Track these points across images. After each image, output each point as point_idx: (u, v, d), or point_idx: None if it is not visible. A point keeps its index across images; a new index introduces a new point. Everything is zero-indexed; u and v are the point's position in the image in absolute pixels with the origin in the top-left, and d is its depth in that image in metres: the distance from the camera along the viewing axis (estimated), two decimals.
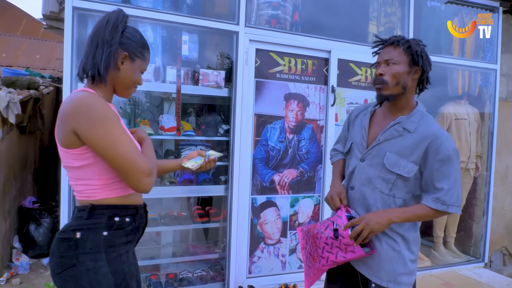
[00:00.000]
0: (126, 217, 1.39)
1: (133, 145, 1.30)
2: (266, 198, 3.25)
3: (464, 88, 4.20)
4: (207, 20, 2.94)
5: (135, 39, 1.41)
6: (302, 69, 3.28)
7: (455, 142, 4.01)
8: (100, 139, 1.24)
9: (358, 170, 1.81)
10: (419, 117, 1.72)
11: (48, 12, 3.95)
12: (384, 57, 1.73)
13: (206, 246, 3.45)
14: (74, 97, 1.28)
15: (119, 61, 1.37)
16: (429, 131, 1.67)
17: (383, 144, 1.74)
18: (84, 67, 1.37)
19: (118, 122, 1.29)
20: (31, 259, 4.09)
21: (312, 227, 1.84)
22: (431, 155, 1.65)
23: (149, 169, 1.29)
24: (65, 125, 1.27)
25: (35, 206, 4.38)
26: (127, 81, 1.41)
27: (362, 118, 1.90)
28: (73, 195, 2.64)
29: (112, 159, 1.27)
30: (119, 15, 1.38)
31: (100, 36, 1.34)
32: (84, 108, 1.24)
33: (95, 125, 1.23)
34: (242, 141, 3.08)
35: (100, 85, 1.37)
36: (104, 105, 1.27)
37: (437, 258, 4.17)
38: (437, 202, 1.65)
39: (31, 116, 4.48)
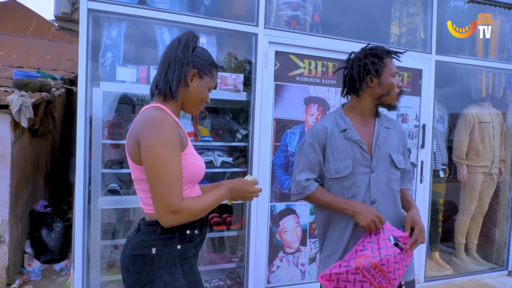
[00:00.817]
0: (195, 229, 1.43)
1: (177, 175, 1.28)
2: (285, 205, 3.14)
3: (488, 90, 4.07)
4: (225, 21, 2.84)
5: (204, 58, 1.45)
6: (322, 72, 3.16)
7: (479, 146, 3.96)
8: (150, 156, 1.26)
9: (373, 182, 1.78)
10: (385, 116, 1.91)
11: (60, 13, 3.89)
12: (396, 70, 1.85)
13: (223, 255, 3.36)
14: (149, 114, 1.32)
15: (189, 78, 1.42)
16: (397, 124, 1.94)
17: (383, 148, 1.80)
18: (157, 84, 1.43)
19: (176, 147, 1.29)
20: (43, 265, 4.02)
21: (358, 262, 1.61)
22: (403, 144, 1.91)
23: (175, 207, 1.26)
24: (133, 136, 1.32)
25: (47, 210, 4.32)
26: (195, 97, 1.45)
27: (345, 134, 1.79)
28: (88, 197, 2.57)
29: (149, 179, 1.28)
30: (190, 35, 1.44)
31: (172, 55, 1.41)
32: (153, 124, 1.28)
33: (153, 142, 1.26)
34: (261, 146, 2.97)
35: (170, 101, 1.41)
36: (172, 128, 1.29)
37: (459, 265, 4.04)
38: (411, 180, 2.02)
39: (42, 118, 4.41)
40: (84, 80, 2.49)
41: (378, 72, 1.77)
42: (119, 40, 2.69)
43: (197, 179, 1.45)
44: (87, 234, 2.59)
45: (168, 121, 1.29)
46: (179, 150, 1.30)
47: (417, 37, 3.56)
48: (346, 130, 1.79)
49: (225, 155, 3.15)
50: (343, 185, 1.80)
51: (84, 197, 2.53)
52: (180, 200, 1.27)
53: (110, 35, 2.67)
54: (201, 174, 1.47)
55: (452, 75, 3.92)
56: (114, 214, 3.21)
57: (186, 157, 1.35)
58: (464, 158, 3.96)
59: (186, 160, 1.35)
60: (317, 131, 1.84)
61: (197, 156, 1.45)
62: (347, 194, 1.80)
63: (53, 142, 5.46)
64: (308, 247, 3.23)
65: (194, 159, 1.41)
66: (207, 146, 3.16)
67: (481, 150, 3.97)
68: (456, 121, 4.18)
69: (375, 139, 1.79)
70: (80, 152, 2.50)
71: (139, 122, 1.33)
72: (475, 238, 4.19)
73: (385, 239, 1.65)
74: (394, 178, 1.83)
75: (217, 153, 3.11)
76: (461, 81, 4.08)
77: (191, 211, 1.30)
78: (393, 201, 1.82)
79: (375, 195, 1.77)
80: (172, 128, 1.29)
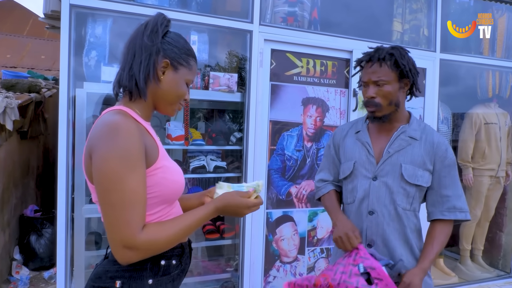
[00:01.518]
0: (173, 259, 1.18)
1: (136, 199, 1.01)
2: (283, 212, 2.98)
3: (495, 90, 3.90)
4: (218, 18, 2.68)
5: (178, 45, 1.19)
6: (321, 71, 3.00)
7: (485, 148, 3.79)
8: (100, 174, 1.01)
9: (373, 191, 1.62)
10: (419, 124, 1.68)
11: (49, 11, 3.74)
12: (372, 77, 1.58)
13: (217, 264, 3.20)
14: (105, 121, 1.06)
15: (160, 70, 1.16)
16: (434, 138, 1.63)
17: (395, 156, 1.62)
18: (119, 81, 1.17)
19: (136, 162, 1.03)
20: (31, 272, 3.88)
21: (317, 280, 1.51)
22: (439, 161, 1.61)
23: (130, 241, 1.00)
24: (87, 148, 1.09)
25: (37, 215, 4.17)
26: (170, 94, 1.19)
27: (357, 135, 1.72)
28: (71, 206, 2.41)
29: (100, 204, 1.03)
30: (159, 18, 1.18)
31: (137, 43, 1.15)
32: (108, 133, 1.02)
33: (105, 157, 1.01)
34: (256, 150, 2.81)
35: (139, 101, 1.17)
36: (132, 137, 1.03)
37: (464, 273, 3.87)
38: (454, 211, 1.60)
39: (32, 120, 4.26)
40: (66, 81, 2.33)
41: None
42: (105, 38, 2.53)
43: (173, 197, 1.20)
44: (70, 244, 2.43)
45: (128, 129, 1.03)
46: (141, 166, 1.04)
47: (420, 35, 3.40)
48: (360, 132, 1.72)
49: (219, 159, 3.00)
50: (347, 187, 1.72)
51: (66, 205, 2.38)
52: (138, 231, 1.00)
53: (94, 33, 2.52)
54: (178, 191, 1.21)
55: (457, 74, 3.76)
56: (100, 223, 3.05)
57: (157, 173, 1.11)
58: (469, 160, 3.80)
59: (157, 176, 1.11)
60: (335, 133, 1.84)
61: (173, 170, 1.18)
62: (349, 198, 1.71)
63: (46, 145, 5.31)
64: (307, 256, 3.07)
65: (168, 173, 1.14)
66: (200, 150, 3.00)
67: (488, 153, 3.80)
68: (459, 121, 4.02)
69: (388, 145, 1.63)
70: (62, 157, 2.35)
71: (93, 131, 1.08)
72: (480, 244, 4.03)
73: (353, 265, 1.47)
74: (404, 194, 1.60)
75: (210, 157, 2.95)
76: (467, 80, 3.92)
77: (154, 244, 1.04)
78: (397, 219, 1.61)
79: (374, 205, 1.61)
80: (132, 137, 1.03)
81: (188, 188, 2.96)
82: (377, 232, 1.61)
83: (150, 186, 1.09)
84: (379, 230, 1.61)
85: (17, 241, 4.05)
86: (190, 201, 1.42)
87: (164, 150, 1.20)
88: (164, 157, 1.16)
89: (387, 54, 1.59)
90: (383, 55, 1.58)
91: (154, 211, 1.13)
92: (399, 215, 1.61)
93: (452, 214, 1.60)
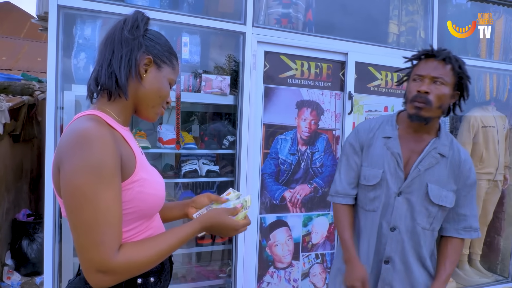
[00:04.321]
0: (151, 276, 1.08)
1: (110, 217, 0.91)
2: (276, 217, 2.92)
3: (492, 93, 3.85)
4: (210, 19, 2.62)
5: (160, 42, 1.12)
6: (316, 74, 2.95)
7: (483, 152, 3.74)
8: (69, 190, 0.90)
9: (397, 206, 1.54)
10: (447, 139, 1.60)
11: (42, 12, 3.71)
12: (432, 73, 1.48)
13: (210, 270, 3.14)
14: (75, 128, 0.95)
15: (142, 67, 1.07)
16: (460, 156, 1.58)
17: (422, 174, 1.52)
18: (96, 79, 1.05)
19: (110, 176, 0.92)
20: (23, 277, 3.82)
21: None
22: (462, 180, 1.57)
23: (104, 264, 0.89)
24: (55, 159, 0.97)
25: (29, 219, 4.11)
26: (152, 95, 1.09)
27: (387, 142, 1.60)
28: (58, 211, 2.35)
29: (72, 223, 0.91)
30: (139, 14, 1.10)
31: (116, 37, 1.05)
32: (77, 143, 0.91)
33: (74, 170, 0.89)
34: (250, 154, 2.76)
35: (118, 101, 1.07)
36: (106, 147, 0.92)
37: (463, 278, 3.82)
38: (470, 231, 1.59)
39: (25, 123, 4.21)
40: (53, 83, 2.28)
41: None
42: (94, 40, 2.48)
43: (152, 212, 1.10)
44: (57, 250, 2.38)
45: (101, 138, 0.92)
46: (115, 181, 0.93)
47: (417, 37, 3.35)
48: (390, 138, 1.60)
49: (212, 163, 2.94)
50: (368, 195, 1.63)
51: (54, 211, 2.32)
52: (113, 252, 0.90)
53: (83, 34, 2.47)
54: (157, 206, 1.11)
55: None
56: None
57: (133, 186, 1.00)
58: None
59: (133, 190, 1.00)
60: (359, 130, 1.70)
61: (151, 182, 1.07)
62: (369, 205, 1.63)
63: (40, 148, 5.25)
64: (301, 262, 3.01)
65: (146, 187, 1.04)
66: (193, 154, 2.95)
67: (485, 156, 3.75)
68: (457, 124, 3.98)
69: (418, 161, 1.54)
70: (49, 161, 2.29)
71: (62, 140, 0.97)
72: (478, 249, 3.98)
73: None
74: (426, 213, 1.55)
75: (202, 161, 2.89)
76: None
77: (132, 266, 0.93)
78: (416, 238, 1.55)
79: (396, 222, 1.55)
80: (106, 148, 0.92)
81: (181, 194, 2.90)
82: (397, 249, 1.56)
83: (125, 202, 0.99)
84: (398, 247, 1.56)
85: (9, 246, 3.99)
86: (173, 211, 1.33)
87: (143, 158, 1.11)
88: (142, 168, 1.05)
89: (454, 57, 1.51)
90: (450, 55, 1.50)
91: (130, 227, 1.04)
92: (417, 233, 1.56)
93: (467, 234, 1.59)
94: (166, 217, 1.31)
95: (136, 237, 1.06)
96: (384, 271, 1.58)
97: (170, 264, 1.21)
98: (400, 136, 1.60)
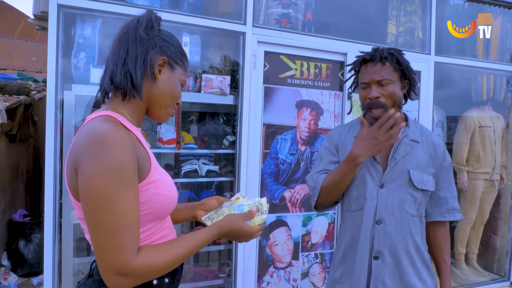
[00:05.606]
0: (166, 277, 1.08)
1: (129, 221, 0.91)
2: (276, 217, 2.93)
3: (489, 93, 3.88)
4: (210, 19, 2.63)
5: (173, 43, 1.12)
6: (315, 74, 2.96)
7: (479, 151, 3.77)
8: (88, 194, 0.89)
9: (381, 199, 1.56)
10: (416, 126, 1.65)
11: (39, 12, 3.66)
12: (375, 77, 1.53)
13: (210, 270, 3.14)
14: (91, 129, 0.94)
15: (157, 68, 1.07)
16: (433, 139, 1.64)
17: (401, 162, 1.57)
18: (112, 78, 1.04)
19: (129, 179, 0.91)
20: (20, 278, 3.80)
21: None
22: (439, 163, 1.62)
23: (124, 267, 0.89)
24: (71, 161, 0.96)
25: (26, 220, 4.08)
26: (165, 95, 1.09)
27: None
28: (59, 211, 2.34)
29: (89, 226, 0.91)
30: (151, 14, 1.09)
31: (130, 37, 1.04)
32: (95, 145, 0.90)
33: (93, 174, 0.89)
34: (250, 154, 2.76)
35: (132, 102, 1.06)
36: (125, 149, 0.92)
37: (459, 276, 3.84)
38: (453, 212, 1.64)
39: (21, 123, 4.18)
40: (53, 83, 2.26)
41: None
42: (94, 39, 2.47)
43: (166, 213, 1.10)
44: (57, 250, 2.37)
45: (119, 140, 0.91)
46: (134, 183, 0.93)
47: (415, 37, 3.37)
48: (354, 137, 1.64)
49: (212, 163, 2.94)
50: (351, 194, 1.63)
51: (54, 211, 2.31)
52: (133, 255, 0.90)
53: (83, 34, 2.45)
54: (172, 207, 1.11)
55: (452, 77, 3.74)
56: None
57: (149, 188, 1.00)
58: (464, 164, 3.77)
59: (149, 191, 1.00)
60: (332, 134, 1.76)
61: (166, 183, 1.07)
62: (354, 205, 1.63)
63: (36, 148, 5.22)
64: (301, 261, 3.02)
65: (161, 188, 1.03)
66: (192, 154, 2.94)
67: (482, 156, 3.78)
68: (453, 124, 4.00)
69: (393, 150, 1.57)
70: (49, 161, 2.27)
71: (78, 141, 0.95)
72: (475, 248, 4.00)
73: None
74: (412, 200, 1.56)
75: (202, 161, 2.89)
76: (461, 83, 3.90)
77: (150, 269, 0.94)
78: (406, 227, 1.56)
79: (382, 214, 1.55)
80: (124, 150, 0.91)
81: (180, 194, 2.89)
82: (385, 242, 1.55)
83: (142, 203, 0.99)
84: (386, 240, 1.55)
85: (5, 246, 3.96)
86: (181, 213, 1.33)
87: (155, 160, 1.10)
88: (156, 169, 1.05)
89: (388, 53, 1.55)
90: (385, 54, 1.54)
91: (145, 228, 1.04)
92: (406, 222, 1.57)
93: (451, 215, 1.64)
94: (175, 219, 1.31)
95: (150, 238, 1.06)
96: (375, 268, 1.56)
97: (181, 265, 1.21)
98: None
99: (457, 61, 3.52)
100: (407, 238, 1.57)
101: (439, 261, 1.65)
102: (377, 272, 1.56)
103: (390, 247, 1.55)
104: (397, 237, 1.55)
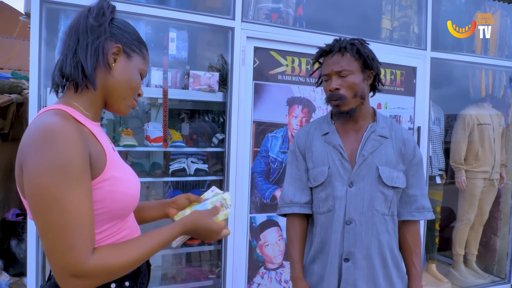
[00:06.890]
0: (126, 280, 1.02)
1: (80, 219, 0.85)
2: (267, 216, 2.86)
3: (488, 90, 3.80)
4: (197, 14, 2.56)
5: (128, 30, 1.07)
6: (307, 70, 2.89)
7: (478, 150, 3.68)
8: (33, 192, 0.84)
9: (350, 198, 1.50)
10: (385, 121, 1.61)
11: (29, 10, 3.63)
12: (334, 68, 1.50)
13: (199, 271, 3.08)
14: (39, 124, 0.88)
15: (110, 57, 1.01)
16: (403, 134, 1.59)
17: (369, 159, 1.53)
18: (61, 70, 0.98)
19: (77, 175, 0.86)
20: (12, 278, 3.76)
21: None
22: (408, 159, 1.57)
23: (77, 268, 0.83)
24: (18, 158, 0.90)
25: (19, 219, 4.05)
26: (123, 85, 1.03)
27: (326, 138, 1.60)
28: None
29: (39, 226, 0.85)
30: (104, 2, 1.03)
31: (81, 26, 0.99)
32: (40, 141, 0.85)
33: (38, 170, 0.83)
34: (239, 152, 2.70)
35: (86, 94, 1.00)
36: (72, 144, 0.86)
37: (458, 278, 3.77)
38: (423, 211, 1.58)
39: (14, 122, 4.15)
40: (36, 82, 2.21)
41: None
42: None
43: (125, 212, 1.04)
44: (41, 250, 2.32)
45: (67, 133, 0.86)
46: (85, 179, 0.87)
47: (410, 32, 3.29)
48: (328, 134, 1.59)
49: (201, 162, 2.88)
50: (319, 196, 1.58)
51: None
52: (87, 256, 0.84)
53: None
54: (131, 205, 1.04)
55: (449, 74, 3.66)
56: None
57: (104, 185, 0.94)
58: (462, 162, 3.70)
59: (104, 189, 0.94)
60: (298, 136, 1.69)
61: (125, 180, 1.01)
62: (322, 207, 1.57)
63: None
64: None
65: (118, 186, 0.97)
66: (182, 152, 2.89)
67: (481, 154, 3.70)
68: (452, 122, 3.93)
69: (360, 147, 1.53)
70: None
71: (24, 136, 0.90)
72: (474, 249, 3.92)
73: None
74: (382, 198, 1.51)
75: (191, 159, 2.84)
76: (459, 80, 3.82)
77: (108, 270, 0.88)
78: (378, 226, 1.51)
79: (352, 214, 1.50)
80: (73, 144, 0.86)
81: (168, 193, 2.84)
82: (355, 243, 1.49)
83: (96, 201, 0.93)
84: (357, 241, 1.49)
85: None
86: (152, 211, 1.27)
87: (116, 155, 1.05)
88: (114, 165, 0.99)
89: (348, 44, 1.52)
90: (344, 44, 1.52)
91: (102, 229, 0.98)
92: (378, 221, 1.51)
93: (421, 215, 1.59)
94: (145, 218, 1.26)
95: (110, 239, 1.00)
96: (345, 270, 1.50)
97: (148, 267, 1.15)
98: (338, 130, 1.61)
99: (454, 57, 3.44)
100: (380, 238, 1.51)
101: (408, 264, 1.60)
102: (347, 275, 1.50)
103: (361, 248, 1.49)
104: (368, 237, 1.50)
